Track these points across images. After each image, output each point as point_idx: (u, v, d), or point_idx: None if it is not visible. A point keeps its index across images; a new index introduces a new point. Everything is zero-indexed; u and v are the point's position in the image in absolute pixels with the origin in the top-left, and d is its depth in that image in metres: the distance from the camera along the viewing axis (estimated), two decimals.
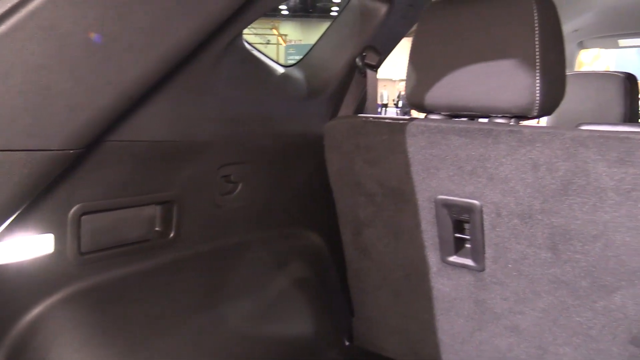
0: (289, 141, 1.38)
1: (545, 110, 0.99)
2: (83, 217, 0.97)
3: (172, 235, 1.14)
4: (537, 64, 0.96)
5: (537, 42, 0.96)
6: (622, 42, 2.68)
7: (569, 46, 2.77)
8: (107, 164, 0.96)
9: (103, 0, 0.68)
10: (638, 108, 2.00)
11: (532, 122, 1.10)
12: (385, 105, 17.56)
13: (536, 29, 0.96)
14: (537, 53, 0.96)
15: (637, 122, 2.06)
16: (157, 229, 1.13)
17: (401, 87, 15.73)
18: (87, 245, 0.99)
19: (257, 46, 1.33)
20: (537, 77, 0.96)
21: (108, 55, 0.72)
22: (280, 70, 1.39)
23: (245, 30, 1.18)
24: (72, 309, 0.99)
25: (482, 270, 1.12)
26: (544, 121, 2.16)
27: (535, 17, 0.96)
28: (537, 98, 0.97)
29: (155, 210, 1.12)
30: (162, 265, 1.14)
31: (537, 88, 0.97)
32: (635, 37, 2.60)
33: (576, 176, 0.92)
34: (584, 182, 0.92)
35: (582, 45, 2.79)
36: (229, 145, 1.23)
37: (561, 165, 0.93)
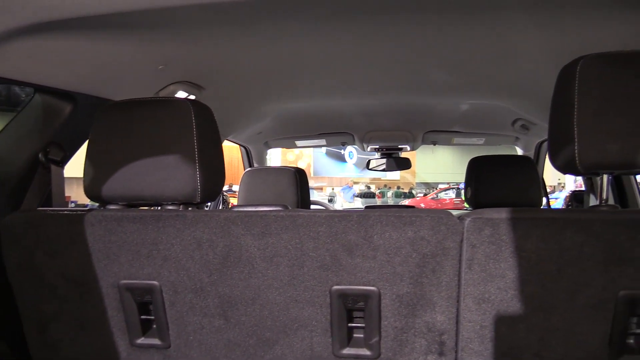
0: None
1: (206, 197, 1.17)
2: None
3: None
4: (197, 159, 1.14)
5: (195, 141, 1.14)
6: (299, 142, 3.22)
7: (257, 145, 3.21)
8: None
9: None
10: (308, 194, 2.42)
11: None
12: None
13: (194, 129, 1.15)
14: (196, 150, 1.14)
15: (309, 205, 2.49)
16: None
17: None
18: None
19: None
20: (197, 170, 1.14)
21: None
22: None
23: None
24: None
25: (168, 347, 1.20)
26: None
27: (193, 120, 1.15)
28: (199, 187, 1.15)
29: None
30: None
31: (198, 179, 1.14)
32: (307, 139, 3.16)
33: (232, 250, 1.10)
34: (238, 254, 1.10)
35: (268, 145, 3.26)
36: None
37: (220, 242, 1.10)
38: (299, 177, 2.31)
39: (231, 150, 3.31)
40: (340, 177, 24.23)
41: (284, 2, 1.22)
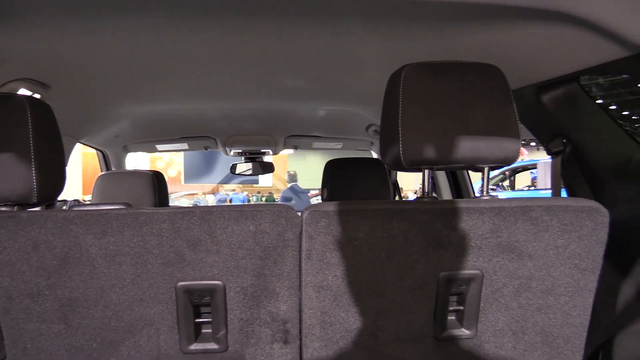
0: None
1: (44, 198, 1.12)
2: None
3: None
4: (33, 158, 1.09)
5: (31, 140, 1.10)
6: (160, 146, 3.15)
7: (115, 149, 3.08)
8: None
9: None
10: (167, 198, 2.39)
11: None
12: None
13: (30, 128, 1.10)
14: (32, 149, 1.09)
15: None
16: None
17: None
18: None
19: None
20: (33, 170, 1.09)
21: None
22: None
23: None
24: None
25: (4, 358, 1.13)
26: None
27: (29, 118, 1.10)
28: (35, 187, 1.10)
29: None
30: None
31: (34, 179, 1.09)
32: (168, 143, 3.11)
33: (71, 250, 1.07)
34: (78, 255, 1.08)
35: (127, 149, 3.15)
36: None
37: (58, 243, 1.07)
38: (157, 180, 2.28)
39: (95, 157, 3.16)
40: (212, 184, 23.81)
41: None
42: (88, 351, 1.13)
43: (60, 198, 1.42)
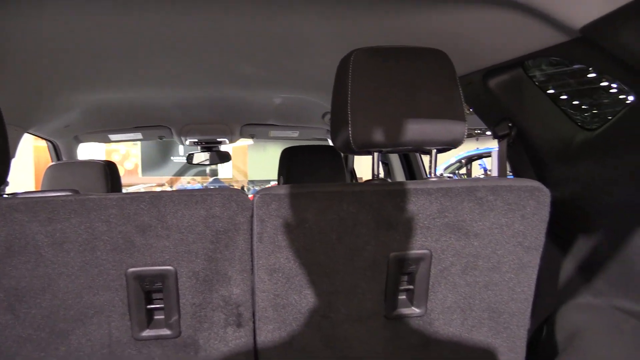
0: None
1: None
2: None
3: None
4: None
5: None
6: (112, 137, 3.09)
7: (66, 140, 3.00)
8: None
9: None
10: (120, 189, 2.35)
11: None
12: None
13: None
14: None
15: None
16: None
17: None
18: None
19: None
20: None
21: None
22: None
23: None
24: None
25: None
26: None
27: None
28: None
29: None
30: None
31: None
32: (121, 133, 3.04)
33: (16, 238, 1.05)
34: (23, 243, 1.05)
35: (78, 140, 3.07)
36: None
37: (1, 231, 1.04)
38: (110, 170, 2.24)
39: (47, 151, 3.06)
40: (171, 177, 23.38)
41: None
42: (37, 341, 1.11)
43: (11, 191, 1.37)
